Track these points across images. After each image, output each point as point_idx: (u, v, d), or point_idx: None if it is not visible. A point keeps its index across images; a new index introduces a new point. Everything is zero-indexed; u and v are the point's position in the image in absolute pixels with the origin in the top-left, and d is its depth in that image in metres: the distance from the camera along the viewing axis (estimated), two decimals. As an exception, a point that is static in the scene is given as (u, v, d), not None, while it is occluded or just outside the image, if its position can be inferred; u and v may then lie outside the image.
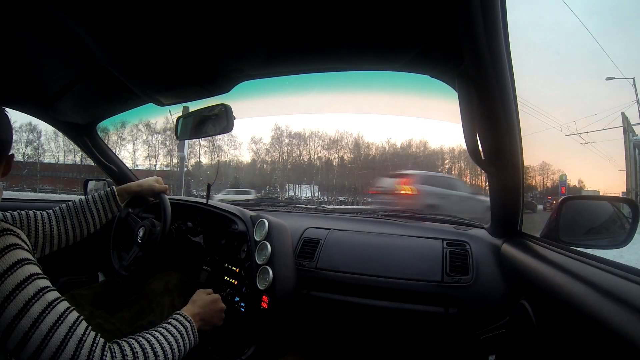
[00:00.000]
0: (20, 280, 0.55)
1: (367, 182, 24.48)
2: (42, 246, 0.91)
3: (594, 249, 0.81)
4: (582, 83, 33.64)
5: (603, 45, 30.73)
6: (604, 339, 0.46)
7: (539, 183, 23.69)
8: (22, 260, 0.57)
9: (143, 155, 20.32)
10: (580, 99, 30.19)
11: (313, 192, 23.86)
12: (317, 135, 24.76)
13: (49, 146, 20.32)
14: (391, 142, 26.65)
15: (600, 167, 21.33)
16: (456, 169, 28.16)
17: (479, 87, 0.69)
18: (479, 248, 1.09)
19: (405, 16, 0.64)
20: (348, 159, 25.48)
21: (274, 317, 1.01)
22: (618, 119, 12.53)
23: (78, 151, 20.05)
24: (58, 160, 20.36)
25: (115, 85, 1.09)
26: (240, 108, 1.42)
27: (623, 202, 0.91)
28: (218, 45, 0.82)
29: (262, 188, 23.44)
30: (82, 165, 19.90)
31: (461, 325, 0.98)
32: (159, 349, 0.66)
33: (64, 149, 20.34)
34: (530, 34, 34.04)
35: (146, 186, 1.11)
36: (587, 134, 12.47)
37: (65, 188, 19.32)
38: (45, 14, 0.70)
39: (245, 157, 24.95)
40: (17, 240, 0.59)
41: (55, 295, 0.59)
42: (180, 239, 1.22)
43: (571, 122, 16.48)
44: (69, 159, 20.46)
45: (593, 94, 27.95)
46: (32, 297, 0.55)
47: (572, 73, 34.95)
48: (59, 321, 0.56)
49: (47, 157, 20.32)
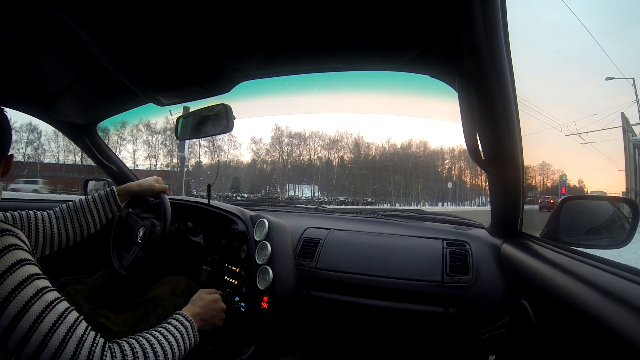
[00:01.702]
0: (20, 281, 0.56)
1: (368, 182, 24.46)
2: (43, 246, 0.91)
3: (594, 249, 0.81)
4: (581, 84, 33.64)
5: (603, 46, 30.61)
6: (604, 339, 0.46)
7: (539, 183, 23.66)
8: (21, 261, 0.57)
9: (143, 156, 20.30)
10: (579, 99, 30.15)
11: (313, 192, 23.83)
12: (317, 135, 24.79)
13: (49, 146, 20.34)
14: (391, 142, 26.67)
15: (599, 167, 21.28)
16: (456, 168, 28.15)
17: (479, 87, 0.69)
18: (479, 248, 1.09)
19: (405, 16, 0.64)
20: (348, 159, 25.49)
21: (274, 317, 1.01)
22: (618, 119, 12.50)
23: (78, 151, 20.05)
24: (58, 161, 20.37)
25: (115, 85, 1.09)
26: (240, 108, 1.42)
27: (623, 202, 0.91)
28: (218, 45, 0.81)
29: (262, 188, 23.39)
30: (82, 166, 19.90)
31: (461, 325, 0.98)
32: (159, 349, 0.66)
33: (64, 149, 20.35)
34: (530, 33, 34.03)
35: (146, 186, 1.11)
36: (587, 134, 12.42)
37: (66, 188, 19.33)
38: (46, 14, 0.70)
39: (245, 157, 24.92)
40: (16, 241, 0.59)
41: (55, 295, 0.59)
42: (181, 239, 1.22)
43: (571, 122, 16.36)
44: (70, 159, 20.44)
45: (591, 94, 27.94)
46: (32, 297, 0.55)
47: (571, 73, 34.94)
48: (58, 321, 0.56)
49: (47, 157, 20.30)
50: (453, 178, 27.73)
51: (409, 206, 24.99)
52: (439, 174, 28.36)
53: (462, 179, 28.53)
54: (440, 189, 27.83)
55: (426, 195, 27.77)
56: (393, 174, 26.30)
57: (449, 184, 27.18)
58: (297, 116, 26.43)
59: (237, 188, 22.17)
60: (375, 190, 25.47)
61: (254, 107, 22.19)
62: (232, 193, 20.32)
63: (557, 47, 35.52)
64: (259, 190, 23.12)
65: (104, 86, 1.11)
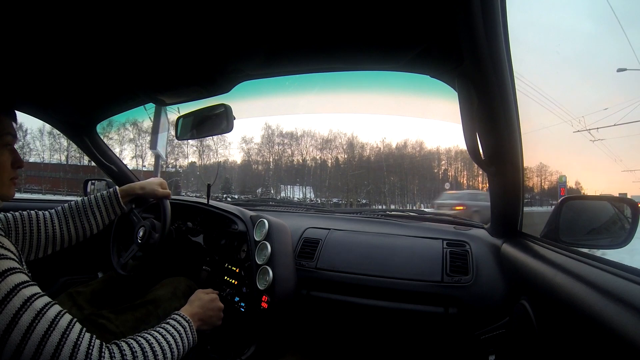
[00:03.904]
0: (6, 293, 0.54)
1: (362, 182, 24.31)
2: (45, 246, 0.91)
3: (594, 249, 0.81)
4: (580, 83, 33.55)
5: (602, 45, 30.53)
6: (604, 339, 0.46)
7: (536, 184, 23.55)
8: (6, 271, 0.55)
9: (130, 156, 19.88)
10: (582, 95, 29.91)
11: (305, 193, 23.65)
12: (310, 135, 24.55)
13: (34, 145, 19.82)
14: (386, 143, 26.49)
15: (599, 169, 21.03)
16: (453, 169, 28.01)
17: (479, 87, 0.69)
18: (479, 248, 1.09)
19: (405, 16, 0.64)
20: (342, 159, 25.34)
21: (274, 317, 1.01)
22: (633, 113, 11.95)
23: (64, 150, 19.66)
24: (43, 160, 19.89)
25: (115, 85, 1.09)
26: (241, 108, 1.42)
27: (623, 202, 0.91)
28: (218, 45, 0.82)
29: (254, 188, 23.15)
30: (68, 165, 19.51)
31: (461, 325, 0.98)
32: (158, 349, 0.66)
33: (50, 148, 19.86)
34: (530, 33, 33.98)
35: (149, 189, 1.08)
36: (597, 130, 11.90)
37: (52, 188, 18.98)
38: (46, 14, 0.70)
39: (235, 158, 24.62)
40: (0, 250, 0.57)
41: (44, 301, 0.57)
42: (180, 239, 1.22)
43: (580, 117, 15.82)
44: (55, 158, 20.01)
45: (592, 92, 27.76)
46: (20, 308, 0.54)
47: (570, 71, 34.79)
48: (50, 328, 0.55)
49: (32, 157, 19.78)
50: (450, 179, 27.57)
51: (404, 207, 24.88)
52: (435, 175, 28.16)
53: (459, 180, 28.37)
54: (437, 190, 27.53)
55: (422, 196, 27.53)
56: (388, 174, 26.12)
57: (446, 185, 26.90)
58: (297, 116, 26.29)
59: (228, 189, 21.92)
60: (370, 192, 25.33)
61: (255, 107, 22.07)
62: (222, 194, 20.07)
63: (556, 46, 35.52)
64: (251, 191, 22.89)
65: (104, 86, 1.11)
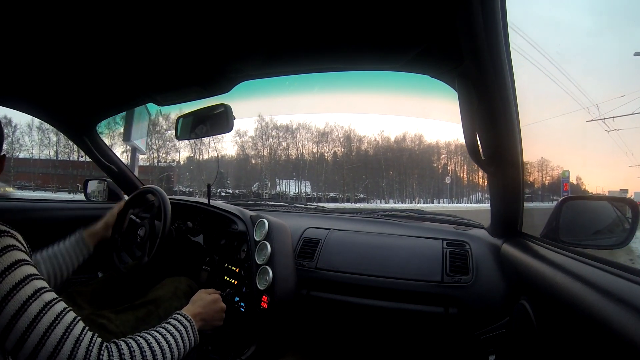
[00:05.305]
0: (18, 280, 0.56)
1: (360, 177, 24.00)
2: None
3: (594, 249, 0.81)
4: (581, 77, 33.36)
5: (604, 43, 30.45)
6: (604, 339, 0.46)
7: (537, 180, 23.31)
8: (19, 261, 0.58)
9: (120, 150, 19.58)
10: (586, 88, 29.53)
11: (300, 188, 23.25)
12: (305, 128, 24.19)
13: (23, 140, 19.43)
14: (384, 136, 26.20)
15: (603, 164, 20.53)
16: (452, 164, 27.74)
17: (479, 87, 0.69)
18: (479, 248, 1.09)
19: (405, 16, 0.64)
20: (340, 152, 25.02)
21: (274, 317, 1.01)
22: None
23: (53, 145, 19.34)
24: (33, 156, 19.51)
25: (116, 85, 1.09)
26: (241, 108, 1.42)
27: (623, 203, 0.91)
28: (218, 45, 0.82)
29: (248, 183, 22.79)
30: (57, 161, 19.16)
31: (461, 325, 0.98)
32: (157, 349, 0.66)
33: (39, 144, 19.49)
34: (530, 32, 33.93)
35: (111, 222, 1.14)
36: (612, 120, 10.84)
37: (42, 184, 18.70)
38: (45, 14, 0.70)
39: (232, 151, 24.22)
40: (14, 242, 0.60)
41: (53, 295, 0.59)
42: (180, 239, 1.22)
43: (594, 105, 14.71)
44: (44, 153, 19.68)
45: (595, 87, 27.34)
46: (30, 296, 0.56)
47: (570, 67, 34.62)
48: (56, 321, 0.56)
49: (22, 152, 19.34)
50: (449, 174, 27.22)
51: (403, 203, 24.47)
52: (435, 170, 27.74)
53: (459, 175, 28.00)
54: (436, 185, 26.99)
55: (421, 191, 27.06)
56: (386, 169, 25.84)
57: (446, 179, 26.48)
58: (297, 116, 26.13)
59: (222, 183, 21.71)
60: (367, 186, 25.06)
61: (254, 107, 22.01)
62: (215, 189, 19.86)
63: (556, 45, 35.37)
64: (245, 185, 22.56)
65: (105, 86, 1.11)
